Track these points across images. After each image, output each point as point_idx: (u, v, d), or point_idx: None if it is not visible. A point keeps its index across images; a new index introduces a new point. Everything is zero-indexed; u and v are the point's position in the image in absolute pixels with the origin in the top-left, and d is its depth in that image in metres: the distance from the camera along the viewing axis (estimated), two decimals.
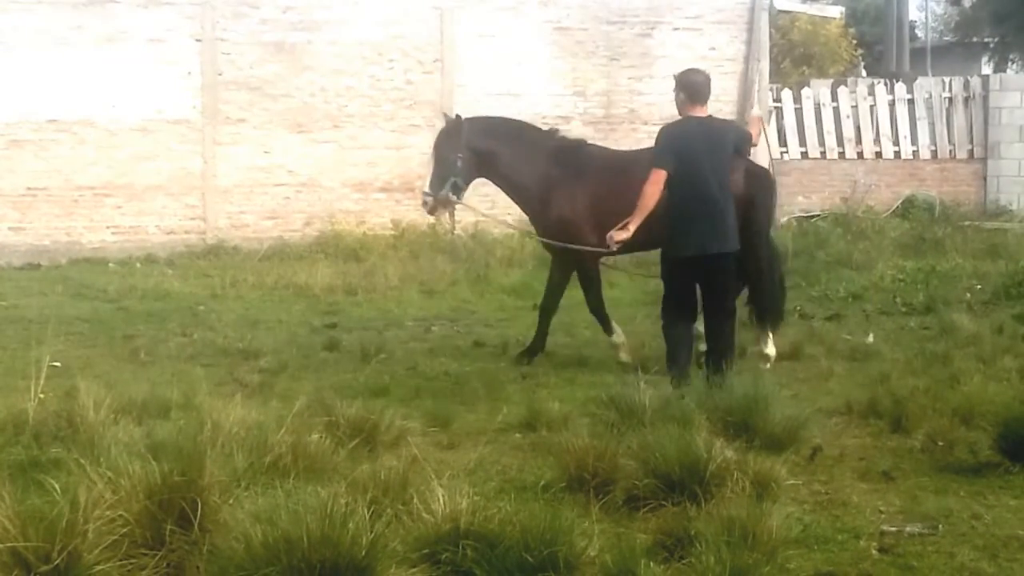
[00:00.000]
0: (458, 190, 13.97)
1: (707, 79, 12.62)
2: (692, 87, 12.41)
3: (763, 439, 9.42)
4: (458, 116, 14.29)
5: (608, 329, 13.92)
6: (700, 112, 12.34)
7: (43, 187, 24.02)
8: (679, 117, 12.47)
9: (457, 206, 15.06)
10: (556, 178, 13.78)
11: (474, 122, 14.27)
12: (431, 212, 14.53)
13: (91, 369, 12.22)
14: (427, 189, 13.96)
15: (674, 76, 12.86)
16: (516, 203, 14.68)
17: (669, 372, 11.98)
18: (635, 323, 16.10)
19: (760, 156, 26.23)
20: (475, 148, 13.90)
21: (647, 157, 12.53)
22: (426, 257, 21.22)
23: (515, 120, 15.24)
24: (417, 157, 25.05)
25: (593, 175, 13.71)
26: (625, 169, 13.43)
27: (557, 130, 14.73)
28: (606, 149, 14.99)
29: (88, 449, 8.38)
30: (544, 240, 14.37)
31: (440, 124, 14.58)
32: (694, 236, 11.87)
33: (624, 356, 13.62)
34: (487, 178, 14.43)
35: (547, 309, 14.31)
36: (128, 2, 24.41)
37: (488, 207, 25.27)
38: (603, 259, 14.12)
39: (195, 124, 24.72)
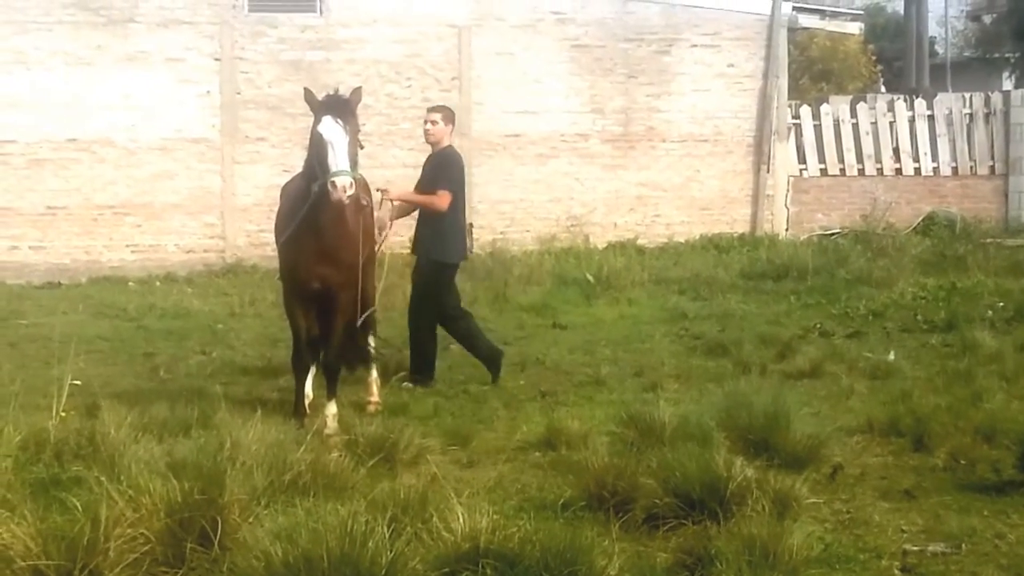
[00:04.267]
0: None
1: None
2: (455, 119, 14.50)
3: (784, 457, 9.40)
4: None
5: (334, 392, 11.76)
6: None
7: (63, 206, 24.04)
8: (443, 144, 14.13)
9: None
10: None
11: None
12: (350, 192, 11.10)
13: (111, 387, 12.22)
14: (346, 166, 11.12)
15: (440, 108, 14.53)
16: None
17: (426, 375, 13.37)
18: (654, 341, 16.08)
19: (779, 174, 26.34)
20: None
21: None
22: None
23: None
24: None
25: None
26: None
27: None
28: None
29: (109, 467, 8.40)
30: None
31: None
32: (463, 245, 14.44)
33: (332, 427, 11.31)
34: None
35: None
36: (148, 22, 24.45)
37: (506, 224, 25.45)
38: None
39: (214, 143, 24.73)
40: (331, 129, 11.30)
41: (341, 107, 11.63)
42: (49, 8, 24.08)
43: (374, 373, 12.59)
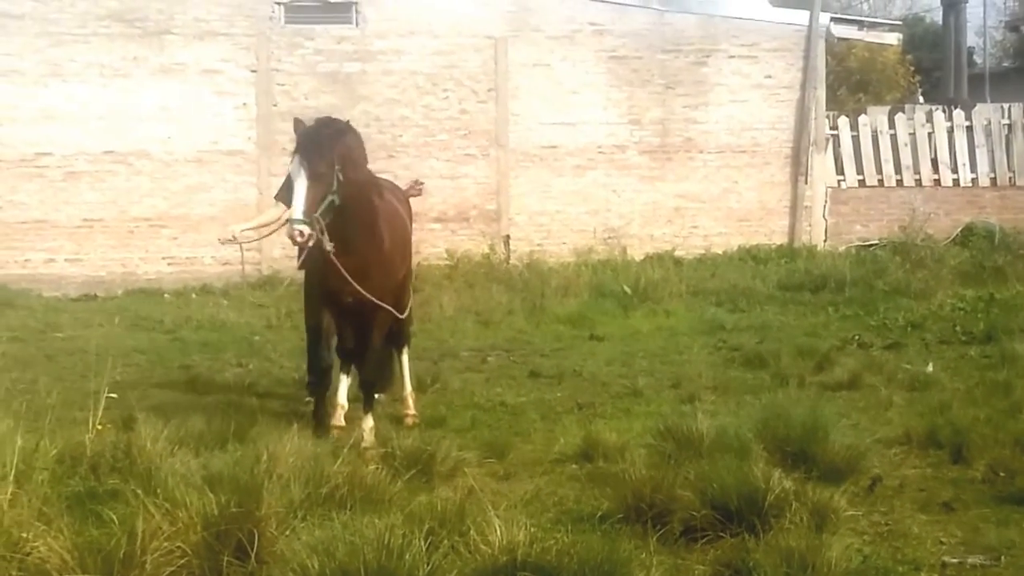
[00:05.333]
0: (330, 212, 10.74)
1: None
2: None
3: (822, 469, 9.36)
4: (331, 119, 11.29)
5: (370, 406, 11.58)
6: None
7: (99, 218, 24.11)
8: None
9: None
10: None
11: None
12: (306, 244, 10.59)
13: (148, 400, 12.25)
14: (299, 215, 10.47)
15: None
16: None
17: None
18: (692, 352, 16.03)
19: (817, 185, 26.25)
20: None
21: None
22: (481, 287, 21.15)
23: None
24: (472, 187, 25.14)
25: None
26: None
27: None
28: None
29: (145, 480, 8.39)
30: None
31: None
32: None
33: (369, 440, 11.12)
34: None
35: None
36: (184, 34, 24.53)
37: (543, 236, 25.43)
38: None
39: (250, 155, 24.77)
40: (295, 171, 10.70)
41: (311, 144, 10.72)
42: (85, 20, 24.19)
43: (409, 387, 12.55)
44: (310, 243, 10.49)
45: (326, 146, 10.67)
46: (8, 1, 23.92)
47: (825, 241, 27.00)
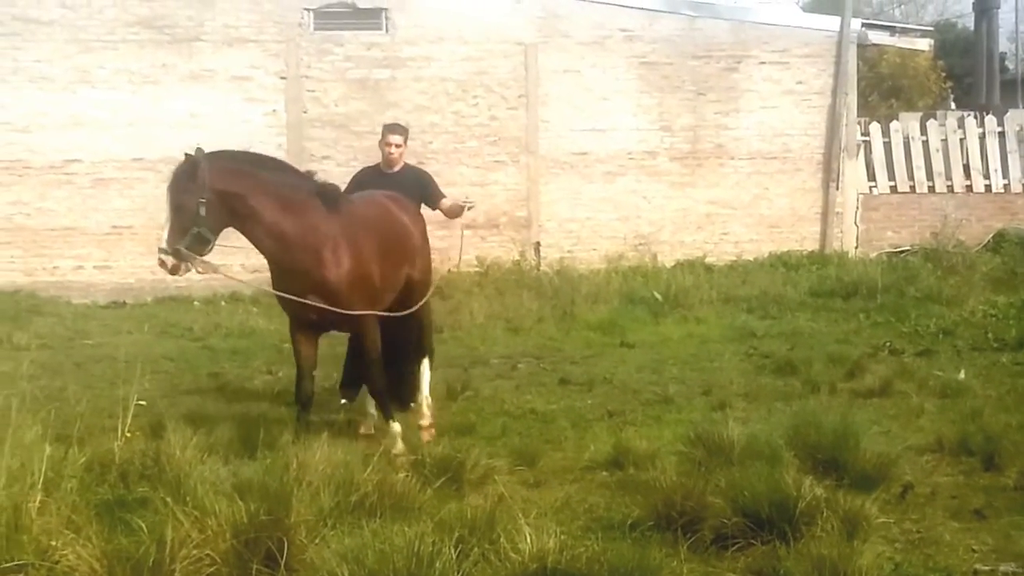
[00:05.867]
0: (204, 242, 10.92)
1: None
2: None
3: (853, 477, 9.33)
4: (199, 150, 11.31)
5: (387, 414, 11.52)
6: None
7: (128, 225, 24.11)
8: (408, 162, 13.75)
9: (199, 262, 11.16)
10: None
11: (218, 159, 11.27)
12: (173, 272, 10.98)
13: (177, 408, 12.26)
14: (163, 244, 10.86)
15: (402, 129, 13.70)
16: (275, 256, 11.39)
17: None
18: (723, 359, 15.99)
19: (849, 191, 26.17)
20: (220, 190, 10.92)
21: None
22: (512, 294, 21.12)
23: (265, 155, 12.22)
24: (502, 193, 25.12)
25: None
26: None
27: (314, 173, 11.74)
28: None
29: (175, 488, 8.42)
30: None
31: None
32: None
33: (399, 447, 11.15)
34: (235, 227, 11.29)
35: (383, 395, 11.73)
36: (213, 40, 24.56)
37: (573, 243, 25.41)
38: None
39: None
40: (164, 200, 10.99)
41: (173, 179, 11.01)
42: (114, 27, 24.24)
43: (425, 396, 12.34)
44: (178, 272, 10.89)
45: (182, 182, 10.88)
46: (37, 8, 23.97)
47: (856, 247, 26.92)
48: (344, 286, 10.85)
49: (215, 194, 10.74)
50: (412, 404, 12.50)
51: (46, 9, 24.01)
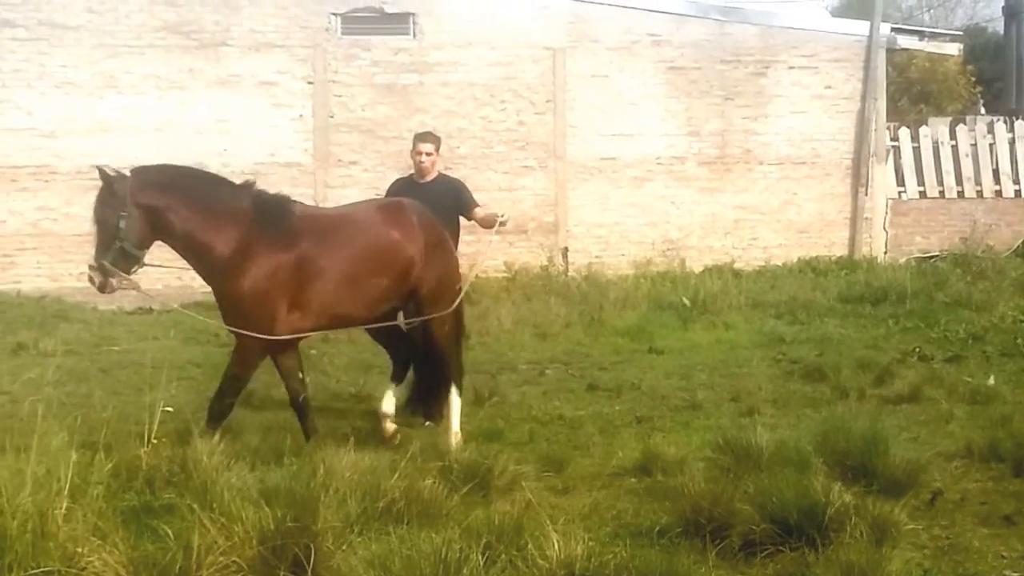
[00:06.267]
0: (128, 257, 11.04)
1: None
2: None
3: (882, 483, 9.29)
4: (118, 171, 11.01)
5: (307, 430, 11.42)
6: None
7: None
8: (441, 171, 13.77)
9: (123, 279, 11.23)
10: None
11: (142, 173, 11.19)
12: (100, 289, 11.08)
13: (203, 414, 12.25)
14: (91, 260, 11.01)
15: (433, 137, 13.77)
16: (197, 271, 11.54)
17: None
18: (751, 365, 15.94)
19: (878, 196, 26.10)
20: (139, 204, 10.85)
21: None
22: (539, 300, 21.08)
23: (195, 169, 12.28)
24: (530, 199, 25.12)
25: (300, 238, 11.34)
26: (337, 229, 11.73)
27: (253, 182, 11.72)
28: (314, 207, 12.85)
29: (201, 495, 8.42)
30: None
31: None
32: None
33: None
34: (163, 240, 11.31)
35: (223, 412, 11.30)
36: (240, 45, 24.59)
37: (601, 248, 25.39)
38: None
39: (307, 167, 24.81)
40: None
41: (98, 192, 11.02)
42: (140, 32, 24.27)
43: (453, 404, 12.09)
44: (105, 290, 11.03)
45: (103, 197, 10.90)
46: (64, 13, 24.02)
47: (885, 253, 26.87)
48: (243, 301, 10.95)
49: (135, 208, 10.79)
50: (430, 423, 12.50)
51: (73, 14, 24.05)
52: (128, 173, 10.94)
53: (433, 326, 12.01)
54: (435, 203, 12.51)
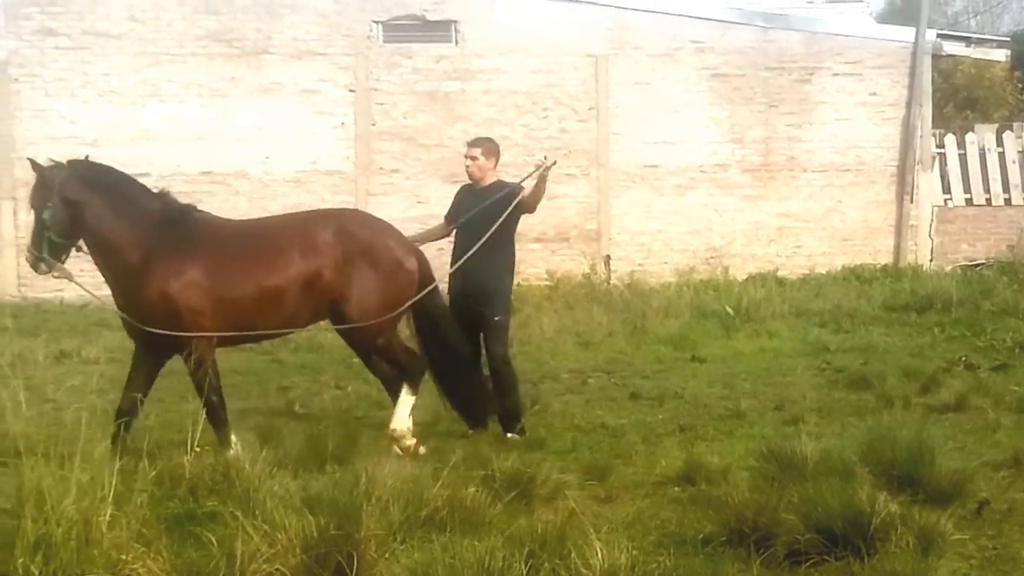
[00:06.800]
0: (57, 247, 11.31)
1: None
2: (500, 155, 13.51)
3: (928, 492, 9.21)
4: (55, 162, 11.43)
5: (224, 440, 11.06)
6: None
7: None
8: (489, 180, 13.17)
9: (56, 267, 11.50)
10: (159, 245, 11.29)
11: (72, 167, 11.51)
12: (35, 270, 11.56)
13: (246, 422, 12.25)
14: (30, 245, 11.44)
15: (481, 141, 13.59)
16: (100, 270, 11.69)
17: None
18: (795, 374, 15.85)
19: (923, 204, 25.96)
20: (62, 197, 11.18)
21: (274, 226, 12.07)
22: (582, 308, 21.02)
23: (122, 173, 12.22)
24: (573, 207, 25.10)
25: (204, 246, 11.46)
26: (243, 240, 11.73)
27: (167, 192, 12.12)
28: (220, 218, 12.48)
29: (244, 502, 8.45)
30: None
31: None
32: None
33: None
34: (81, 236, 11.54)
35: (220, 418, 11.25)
36: (282, 53, 24.67)
37: (644, 256, 25.35)
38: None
39: (348, 175, 24.87)
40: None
41: (35, 183, 11.38)
42: (182, 40, 24.40)
43: (401, 424, 11.81)
44: (38, 271, 11.47)
45: (35, 189, 11.30)
46: (106, 21, 24.16)
47: (931, 261, 26.76)
48: (143, 306, 11.05)
49: (60, 200, 11.11)
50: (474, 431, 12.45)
51: (115, 23, 24.19)
52: (64, 165, 11.35)
53: (362, 336, 11.83)
54: (485, 210, 12.44)
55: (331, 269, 11.41)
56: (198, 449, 9.95)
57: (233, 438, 10.93)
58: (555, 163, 13.13)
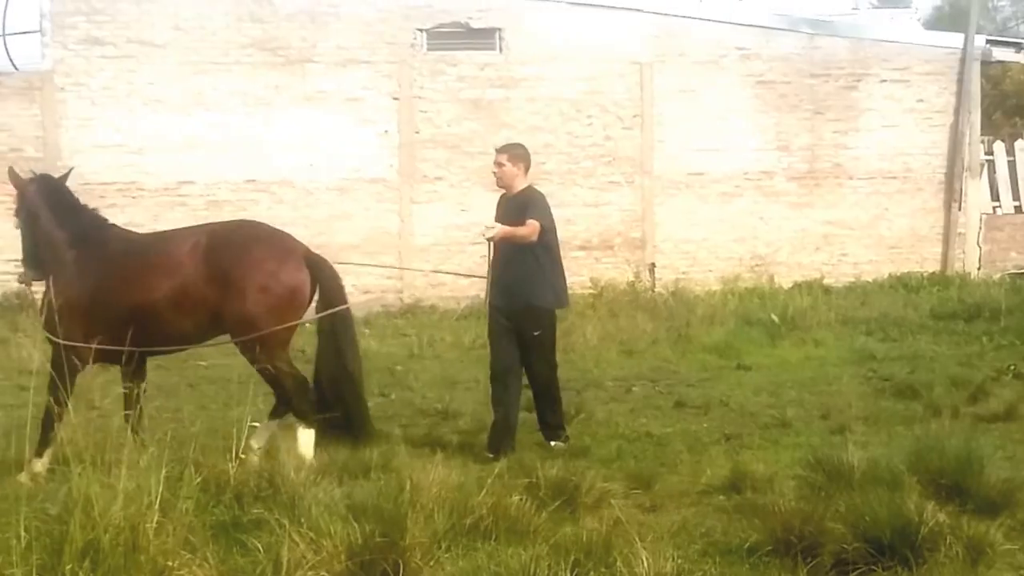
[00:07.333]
0: (30, 255, 11.78)
1: None
2: (530, 160, 12.99)
3: (977, 502, 9.11)
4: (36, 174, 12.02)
5: (42, 446, 10.96)
6: None
7: None
8: (518, 187, 12.80)
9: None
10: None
11: (36, 181, 11.94)
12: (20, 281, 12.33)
13: (290, 429, 12.25)
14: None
15: (507, 148, 13.03)
16: None
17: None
18: (841, 383, 15.76)
19: (972, 212, 25.81)
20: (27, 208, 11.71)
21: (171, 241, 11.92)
22: (626, 316, 21.00)
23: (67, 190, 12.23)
24: (617, 214, 25.06)
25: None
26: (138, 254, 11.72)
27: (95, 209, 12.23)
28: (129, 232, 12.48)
29: (289, 510, 8.44)
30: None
31: None
32: (563, 290, 12.79)
33: (24, 477, 10.54)
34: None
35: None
36: (326, 61, 24.70)
37: (689, 264, 25.27)
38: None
39: (392, 183, 24.88)
40: None
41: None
42: (227, 49, 24.46)
43: (300, 438, 11.33)
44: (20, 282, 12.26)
45: (22, 196, 11.82)
46: (151, 30, 24.24)
47: (979, 269, 26.62)
48: (56, 311, 10.98)
49: (24, 211, 11.69)
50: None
51: (160, 32, 24.27)
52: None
53: (249, 350, 11.54)
54: (508, 217, 12.39)
55: (198, 285, 11.21)
56: (243, 456, 9.96)
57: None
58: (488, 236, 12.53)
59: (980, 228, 26.92)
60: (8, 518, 7.60)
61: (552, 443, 12.32)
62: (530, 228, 12.16)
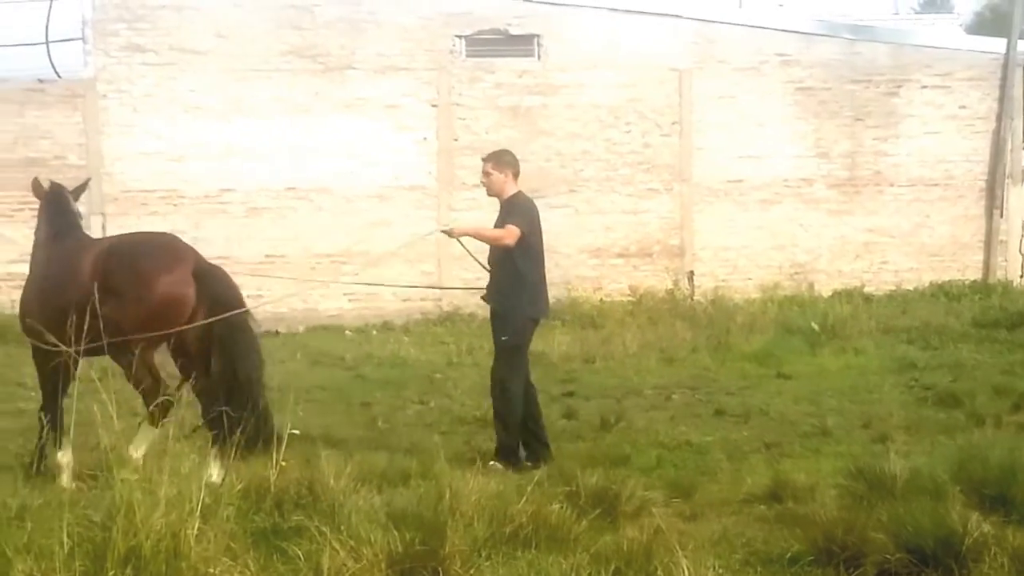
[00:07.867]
0: None
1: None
2: (518, 166, 12.88)
3: (1022, 512, 9.03)
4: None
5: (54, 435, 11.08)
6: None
7: (281, 254, 24.20)
8: (507, 193, 12.70)
9: None
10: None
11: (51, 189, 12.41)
12: None
13: (330, 437, 12.26)
14: None
15: (492, 156, 12.97)
16: None
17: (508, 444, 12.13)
18: (883, 391, 15.68)
19: (1014, 219, 25.66)
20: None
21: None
22: (665, 324, 20.96)
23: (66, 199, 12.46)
24: (655, 222, 25.01)
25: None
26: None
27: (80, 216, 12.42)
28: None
29: (329, 517, 8.44)
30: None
31: None
32: (543, 300, 12.67)
33: (66, 480, 10.88)
34: None
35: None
36: (365, 68, 24.71)
37: (728, 271, 25.21)
38: None
39: (431, 190, 24.87)
40: None
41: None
42: (267, 56, 24.48)
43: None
44: None
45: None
46: (192, 38, 24.29)
47: (1021, 277, 26.47)
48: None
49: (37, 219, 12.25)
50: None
51: (201, 39, 24.31)
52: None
53: (113, 355, 11.21)
54: (499, 225, 12.46)
55: (91, 286, 10.97)
56: (283, 463, 9.96)
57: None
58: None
59: (1022, 235, 26.77)
60: (51, 524, 7.63)
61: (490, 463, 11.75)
62: (505, 231, 12.20)
